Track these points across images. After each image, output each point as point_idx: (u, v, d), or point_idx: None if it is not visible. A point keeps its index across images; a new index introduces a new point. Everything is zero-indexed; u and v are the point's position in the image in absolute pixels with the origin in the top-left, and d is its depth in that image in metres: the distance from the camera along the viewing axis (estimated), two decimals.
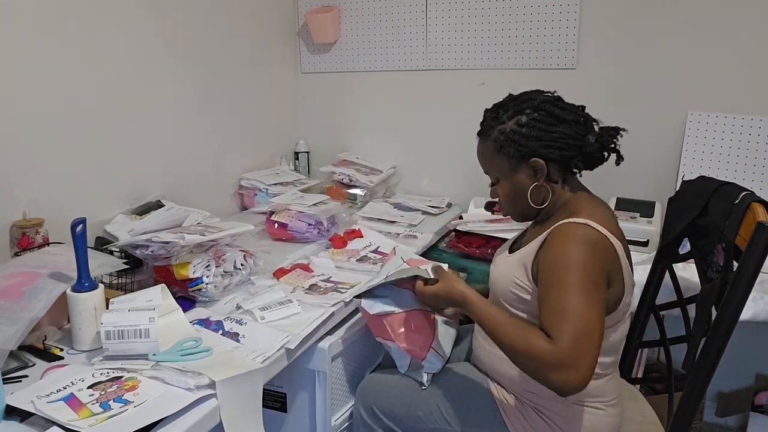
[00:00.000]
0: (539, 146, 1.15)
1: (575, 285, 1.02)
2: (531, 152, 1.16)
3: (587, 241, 1.07)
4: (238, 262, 1.46)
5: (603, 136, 1.18)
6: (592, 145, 1.16)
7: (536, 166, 1.17)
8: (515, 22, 2.12)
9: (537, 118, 1.16)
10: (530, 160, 1.16)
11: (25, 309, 1.08)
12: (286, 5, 2.44)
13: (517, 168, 1.18)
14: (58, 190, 1.51)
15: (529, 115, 1.16)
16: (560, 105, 1.18)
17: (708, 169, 1.90)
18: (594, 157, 1.18)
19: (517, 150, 1.16)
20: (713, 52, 1.89)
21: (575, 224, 1.09)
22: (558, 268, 1.05)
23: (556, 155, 1.15)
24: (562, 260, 1.05)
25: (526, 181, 1.19)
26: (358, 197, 2.27)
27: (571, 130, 1.15)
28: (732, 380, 2.08)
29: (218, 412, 0.98)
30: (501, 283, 1.22)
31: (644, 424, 1.30)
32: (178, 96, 1.90)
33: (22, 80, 1.41)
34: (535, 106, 1.17)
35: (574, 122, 1.16)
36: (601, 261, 1.06)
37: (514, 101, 1.21)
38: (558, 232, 1.10)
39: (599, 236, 1.08)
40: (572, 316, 0.99)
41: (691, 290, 1.37)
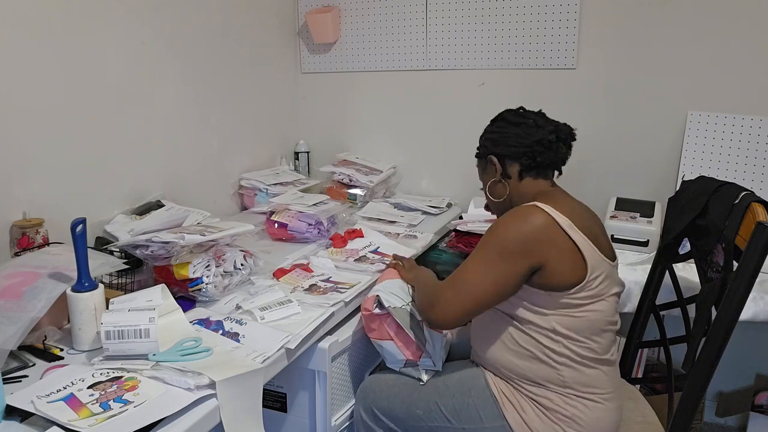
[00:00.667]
0: (491, 145, 1.34)
1: (481, 257, 1.20)
2: (487, 151, 1.36)
3: (521, 220, 1.18)
4: (238, 262, 1.46)
5: (561, 129, 1.31)
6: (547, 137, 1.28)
7: (490, 163, 1.35)
8: (515, 22, 2.12)
9: (495, 125, 1.37)
10: (487, 157, 1.35)
11: (25, 309, 1.08)
12: (286, 5, 2.44)
13: (485, 167, 1.38)
14: (58, 190, 1.51)
15: (490, 126, 1.38)
16: (516, 112, 1.35)
17: (708, 169, 1.90)
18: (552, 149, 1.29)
19: (482, 152, 1.38)
20: (713, 52, 1.89)
21: (523, 206, 1.22)
22: (481, 243, 1.22)
23: (507, 151, 1.31)
24: (487, 236, 1.21)
25: (487, 178, 1.37)
26: (358, 197, 2.27)
27: (523, 131, 1.30)
28: (732, 380, 2.08)
29: (218, 412, 0.98)
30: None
31: (644, 424, 1.30)
32: (178, 96, 1.90)
33: (22, 80, 1.41)
34: (498, 117, 1.38)
35: (524, 125, 1.31)
36: (526, 239, 1.16)
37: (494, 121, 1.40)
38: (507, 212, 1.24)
39: (540, 216, 1.17)
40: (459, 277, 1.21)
41: (691, 290, 1.37)
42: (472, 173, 1.47)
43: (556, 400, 1.19)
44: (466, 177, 2.30)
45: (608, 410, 1.20)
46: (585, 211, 1.26)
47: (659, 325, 1.46)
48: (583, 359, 1.19)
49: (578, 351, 1.18)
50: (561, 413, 1.19)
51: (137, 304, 1.15)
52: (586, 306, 1.17)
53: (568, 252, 1.16)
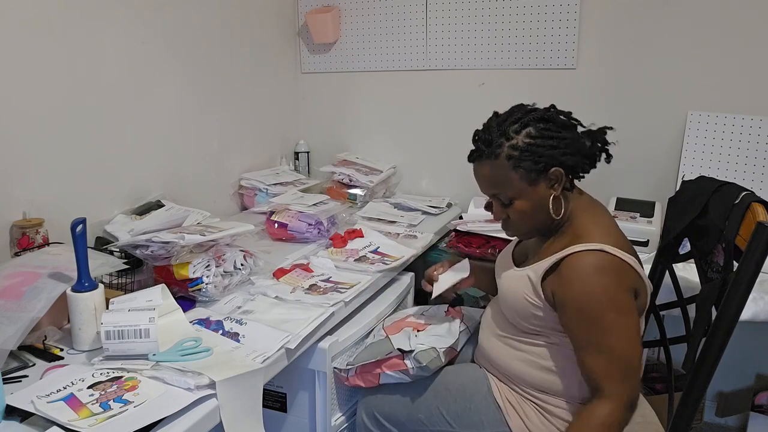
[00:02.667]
0: (557, 154, 1.13)
1: (609, 323, 1.08)
2: (550, 162, 1.13)
3: (607, 271, 1.09)
4: (238, 262, 1.46)
5: (597, 136, 1.20)
6: (590, 147, 1.18)
7: (556, 176, 1.15)
8: (515, 22, 2.12)
9: (545, 128, 1.15)
10: (550, 171, 1.14)
11: (25, 309, 1.08)
12: (286, 5, 2.44)
13: (536, 181, 1.15)
14: (58, 190, 1.51)
15: (536, 126, 1.15)
16: (560, 111, 1.19)
17: (708, 169, 1.90)
18: (593, 158, 1.20)
19: (536, 162, 1.13)
20: (713, 52, 1.89)
21: (589, 252, 1.10)
22: (587, 308, 1.09)
23: (571, 161, 1.15)
24: (588, 301, 1.08)
25: (545, 193, 1.16)
26: (358, 197, 2.27)
27: (574, 135, 1.17)
28: (732, 380, 2.08)
29: (218, 412, 0.98)
30: (512, 299, 1.23)
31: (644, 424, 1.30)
32: (178, 96, 1.90)
33: (23, 80, 1.41)
34: (539, 117, 1.16)
35: (572, 127, 1.18)
36: (626, 285, 1.10)
37: (513, 115, 1.18)
38: (573, 262, 1.11)
39: (616, 261, 1.10)
40: (616, 361, 1.08)
41: (691, 290, 1.37)
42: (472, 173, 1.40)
43: (563, 407, 1.18)
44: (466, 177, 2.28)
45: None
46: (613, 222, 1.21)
47: (659, 325, 1.46)
48: None
49: None
50: (566, 420, 1.18)
51: (137, 304, 1.15)
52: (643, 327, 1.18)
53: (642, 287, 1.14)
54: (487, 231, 1.92)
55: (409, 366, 1.28)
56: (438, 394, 1.29)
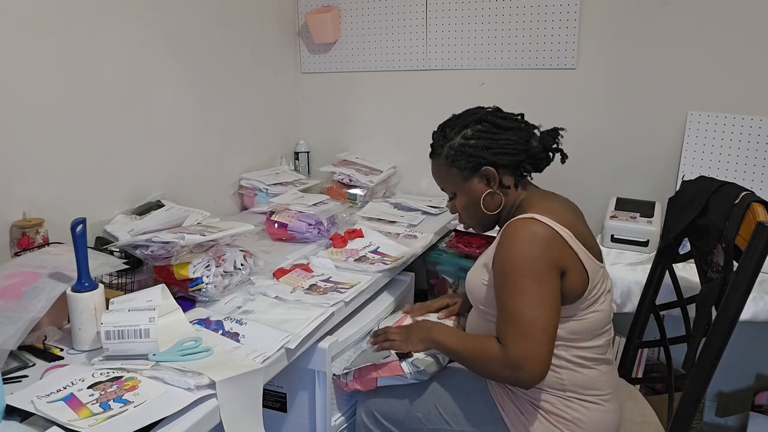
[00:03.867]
0: (488, 154, 1.22)
1: (518, 288, 1.10)
2: (481, 161, 1.23)
3: (531, 238, 1.12)
4: (238, 262, 1.46)
5: (544, 138, 1.25)
6: (535, 147, 1.23)
7: (488, 174, 1.24)
8: (515, 22, 2.12)
9: (482, 129, 1.24)
10: (481, 169, 1.23)
11: (25, 309, 1.08)
12: (286, 5, 2.44)
13: (470, 179, 1.26)
14: (58, 190, 1.51)
15: (473, 128, 1.24)
16: (501, 115, 1.27)
17: (708, 169, 1.90)
18: (539, 158, 1.25)
19: (468, 162, 1.24)
20: (713, 52, 1.89)
21: (521, 220, 1.15)
22: (504, 273, 1.13)
23: (505, 160, 1.23)
24: (507, 264, 1.13)
25: (480, 189, 1.26)
26: (358, 197, 2.27)
27: (516, 136, 1.23)
28: (732, 380, 2.08)
29: (218, 412, 0.98)
30: (474, 289, 1.28)
31: (644, 424, 1.30)
32: (178, 96, 1.90)
33: (23, 80, 1.41)
34: (477, 119, 1.25)
35: (516, 128, 1.24)
36: (547, 255, 1.11)
37: (458, 118, 1.29)
38: (506, 230, 1.17)
39: (544, 229, 1.12)
40: (518, 320, 1.09)
41: (691, 290, 1.37)
42: None
43: (556, 404, 1.19)
44: None
45: (609, 411, 1.20)
46: (568, 209, 1.24)
47: (659, 325, 1.46)
48: (583, 361, 1.19)
49: (579, 354, 1.18)
50: (562, 416, 1.18)
51: (137, 304, 1.15)
52: (587, 309, 1.17)
53: (575, 263, 1.14)
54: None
55: (407, 371, 1.29)
56: (435, 393, 1.30)
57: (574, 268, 1.14)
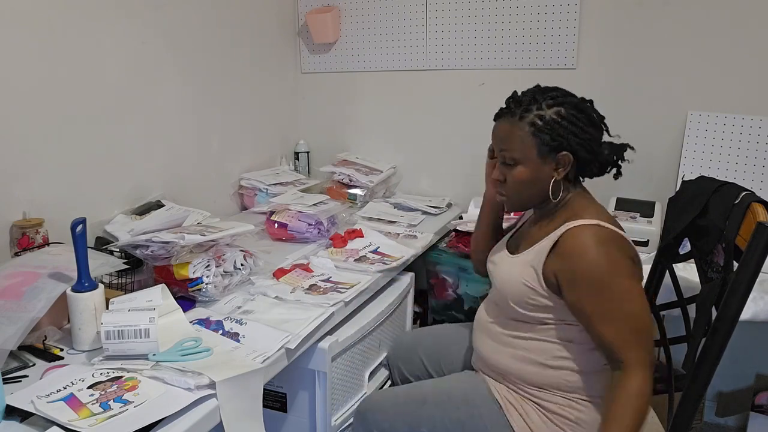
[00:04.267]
0: (574, 142, 1.17)
1: (621, 290, 1.08)
2: (564, 145, 1.17)
3: (608, 241, 1.11)
4: (238, 262, 1.46)
5: (616, 149, 1.24)
6: (607, 155, 1.22)
7: (563, 160, 1.18)
8: (515, 22, 2.12)
9: (575, 115, 1.18)
10: (560, 152, 1.17)
11: (25, 309, 1.08)
12: (286, 5, 2.44)
13: (545, 157, 1.18)
14: (58, 190, 1.51)
15: (569, 110, 1.18)
16: (593, 109, 1.22)
17: (708, 169, 1.90)
18: (604, 167, 1.24)
19: (553, 139, 1.16)
20: (713, 52, 1.89)
21: (587, 226, 1.12)
22: (596, 278, 1.09)
23: (583, 154, 1.18)
24: (596, 267, 1.09)
25: (548, 172, 1.19)
26: (358, 197, 2.27)
27: (598, 135, 1.20)
28: (732, 380, 2.08)
29: (218, 412, 0.98)
30: (511, 286, 1.23)
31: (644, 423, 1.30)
32: (178, 96, 1.90)
33: (22, 80, 1.41)
34: (574, 104, 1.19)
35: (600, 129, 1.22)
36: (627, 254, 1.12)
37: (551, 91, 1.22)
38: (573, 237, 1.13)
39: (613, 233, 1.13)
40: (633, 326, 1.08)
41: (691, 290, 1.37)
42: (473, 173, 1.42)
43: (562, 404, 1.19)
44: (466, 177, 2.31)
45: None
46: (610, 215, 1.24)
47: (659, 325, 1.46)
48: (594, 363, 1.18)
49: (591, 356, 1.18)
50: (566, 417, 1.18)
51: (137, 304, 1.15)
52: None
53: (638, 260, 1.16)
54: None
55: None
56: (440, 404, 1.27)
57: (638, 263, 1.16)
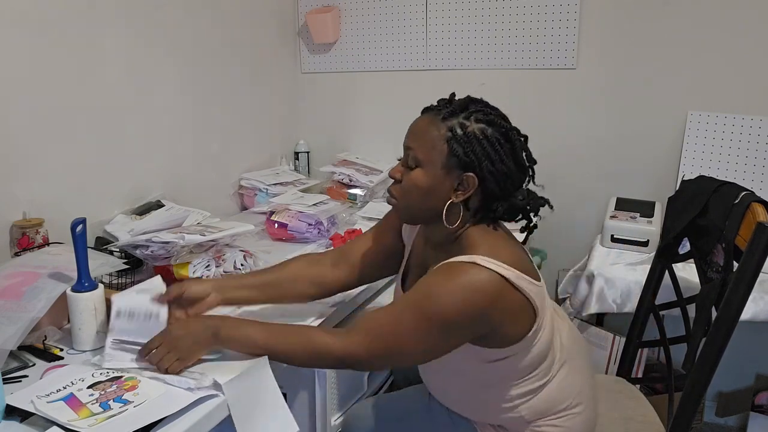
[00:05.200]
0: (486, 166, 1.03)
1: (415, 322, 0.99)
2: (474, 165, 1.03)
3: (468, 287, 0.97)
4: (238, 262, 1.46)
5: (533, 198, 1.10)
6: (520, 200, 1.08)
7: (467, 181, 1.04)
8: (515, 22, 2.12)
9: (500, 141, 1.05)
10: (467, 172, 1.04)
11: (25, 309, 1.08)
12: (286, 5, 2.44)
13: (450, 170, 1.05)
14: (58, 190, 1.51)
15: (496, 132, 1.05)
16: (524, 146, 1.09)
17: (708, 169, 1.90)
18: (511, 210, 1.09)
19: (465, 154, 1.03)
20: (713, 52, 1.89)
21: (462, 264, 1.00)
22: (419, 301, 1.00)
23: (490, 186, 1.04)
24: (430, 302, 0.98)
25: (447, 189, 1.06)
26: (358, 197, 2.27)
27: (517, 175, 1.07)
28: (732, 380, 2.08)
29: (218, 412, 0.98)
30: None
31: (644, 423, 1.30)
32: (178, 96, 1.90)
33: (22, 80, 1.41)
34: (505, 131, 1.06)
35: (522, 170, 1.08)
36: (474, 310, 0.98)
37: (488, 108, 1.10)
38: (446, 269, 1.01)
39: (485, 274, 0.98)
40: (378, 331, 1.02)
41: (691, 290, 1.37)
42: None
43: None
44: None
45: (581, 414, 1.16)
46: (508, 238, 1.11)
47: (659, 325, 1.46)
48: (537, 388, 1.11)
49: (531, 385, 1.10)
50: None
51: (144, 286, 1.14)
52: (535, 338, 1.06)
53: (519, 306, 1.02)
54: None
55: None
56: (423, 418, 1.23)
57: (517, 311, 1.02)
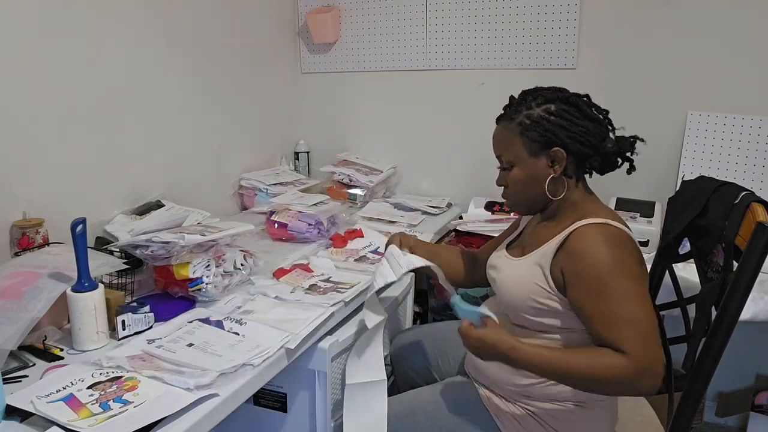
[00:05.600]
0: (564, 135, 1.14)
1: (625, 291, 1.04)
2: (554, 140, 1.14)
3: (615, 241, 1.08)
4: (238, 262, 1.46)
5: (622, 142, 1.20)
6: (610, 148, 1.18)
7: (556, 156, 1.15)
8: (515, 22, 2.12)
9: (566, 110, 1.16)
10: (552, 149, 1.15)
11: (25, 309, 1.08)
12: (286, 5, 2.44)
13: (537, 155, 1.17)
14: (58, 190, 1.51)
15: (558, 105, 1.16)
16: (589, 103, 1.20)
17: (708, 169, 1.90)
18: (609, 160, 1.20)
19: (542, 135, 1.15)
20: (713, 52, 1.89)
21: (595, 225, 1.10)
22: (600, 278, 1.05)
23: (576, 148, 1.15)
24: (600, 268, 1.05)
25: (543, 169, 1.17)
26: (358, 197, 2.27)
27: (595, 128, 1.16)
28: (732, 380, 2.08)
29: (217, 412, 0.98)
30: (516, 290, 1.18)
31: (644, 424, 1.30)
32: (178, 96, 1.90)
33: (22, 80, 1.41)
34: (565, 98, 1.18)
35: (598, 122, 1.18)
36: (634, 256, 1.08)
37: (544, 90, 1.21)
38: (580, 236, 1.10)
39: (621, 233, 1.10)
40: (634, 325, 1.01)
41: (691, 290, 1.37)
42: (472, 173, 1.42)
43: (554, 412, 1.17)
44: (466, 177, 2.31)
45: (606, 415, 1.19)
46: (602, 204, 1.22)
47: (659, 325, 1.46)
48: None
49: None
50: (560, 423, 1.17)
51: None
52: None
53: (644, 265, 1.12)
54: (487, 231, 1.92)
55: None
56: (429, 415, 1.26)
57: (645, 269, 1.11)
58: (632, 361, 0.99)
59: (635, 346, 0.99)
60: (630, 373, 0.99)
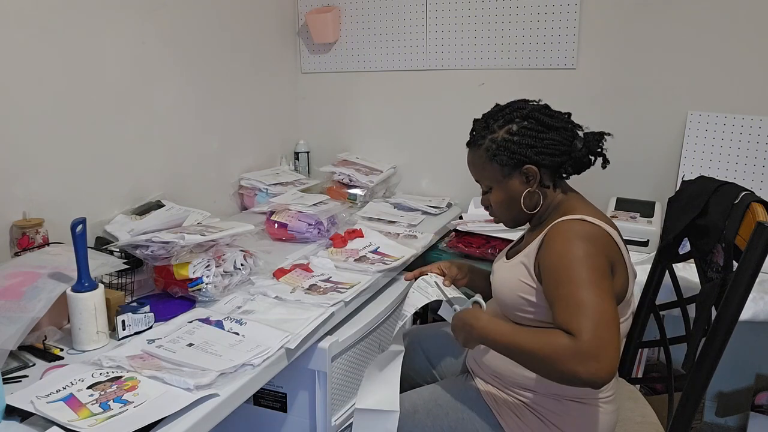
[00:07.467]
0: (532, 153, 1.18)
1: (584, 279, 1.04)
2: (524, 159, 1.19)
3: (586, 235, 1.10)
4: (238, 262, 1.46)
5: (589, 141, 1.22)
6: (579, 150, 1.20)
7: (529, 173, 1.20)
8: (515, 22, 2.12)
9: (527, 126, 1.19)
10: (523, 167, 1.20)
11: (25, 309, 1.08)
12: (286, 5, 2.44)
13: (510, 175, 1.22)
14: (58, 190, 1.51)
15: (519, 124, 1.20)
16: (548, 113, 1.22)
17: (708, 169, 1.90)
18: (582, 161, 1.22)
19: (510, 158, 1.19)
20: (713, 52, 1.89)
21: (571, 221, 1.13)
22: (564, 266, 1.07)
23: (548, 161, 1.19)
24: (566, 257, 1.08)
25: (519, 187, 1.22)
26: (358, 197, 2.27)
27: (560, 137, 1.19)
28: (732, 380, 2.08)
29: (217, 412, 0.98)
30: (506, 288, 1.22)
31: (644, 424, 1.30)
32: (178, 96, 1.90)
33: (22, 80, 1.41)
34: (524, 115, 1.20)
35: (562, 129, 1.20)
36: (603, 251, 1.09)
37: (502, 111, 1.25)
38: (555, 230, 1.13)
39: (596, 228, 1.11)
40: (588, 309, 1.00)
41: (691, 290, 1.37)
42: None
43: (554, 407, 1.18)
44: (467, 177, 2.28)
45: (607, 412, 1.20)
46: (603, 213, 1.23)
47: (659, 325, 1.46)
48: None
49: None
50: (560, 419, 1.18)
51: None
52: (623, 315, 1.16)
53: (621, 263, 1.13)
54: (487, 231, 1.92)
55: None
56: (430, 412, 1.27)
57: (620, 267, 1.13)
58: (577, 343, 0.97)
59: (583, 329, 0.97)
60: (571, 354, 0.96)
